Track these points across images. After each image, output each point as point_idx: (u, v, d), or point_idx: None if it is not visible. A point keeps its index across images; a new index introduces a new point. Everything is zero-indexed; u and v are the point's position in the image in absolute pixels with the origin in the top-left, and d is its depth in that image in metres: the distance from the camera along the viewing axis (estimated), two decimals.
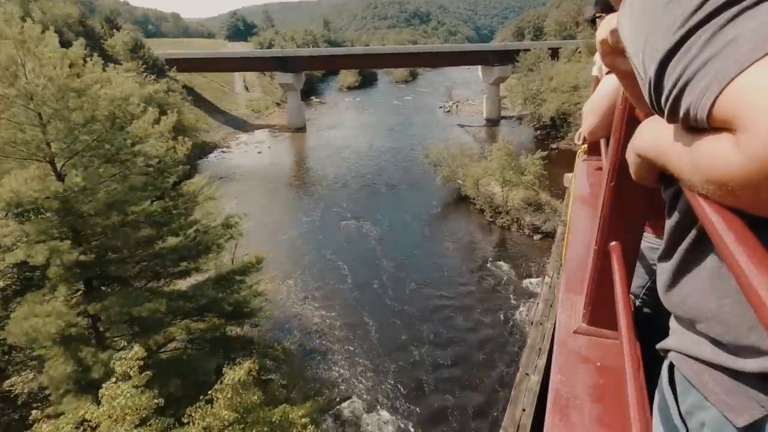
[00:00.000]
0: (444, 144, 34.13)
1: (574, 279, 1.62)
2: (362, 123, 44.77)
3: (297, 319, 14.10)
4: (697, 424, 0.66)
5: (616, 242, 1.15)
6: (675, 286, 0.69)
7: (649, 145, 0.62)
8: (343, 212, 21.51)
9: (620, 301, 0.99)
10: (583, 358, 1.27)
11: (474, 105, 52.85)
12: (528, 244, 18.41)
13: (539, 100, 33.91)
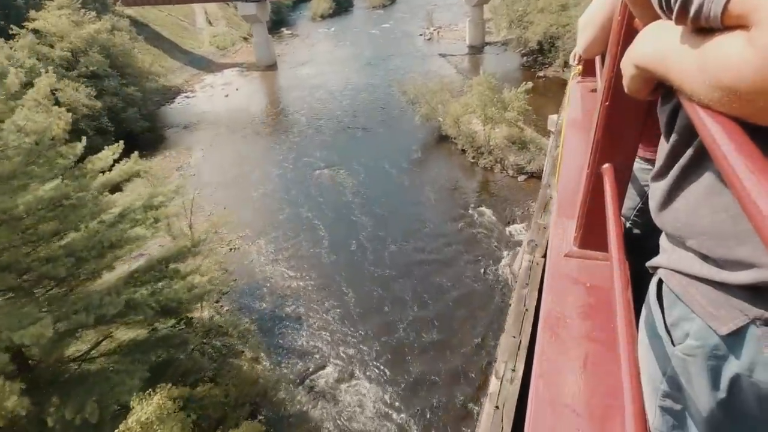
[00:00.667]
0: (423, 77, 31.86)
1: (566, 204, 1.58)
2: (337, 57, 41.54)
3: (268, 282, 13.33)
4: (682, 334, 0.71)
5: (608, 164, 1.14)
6: (668, 204, 0.70)
7: (649, 53, 0.60)
8: (316, 161, 20.09)
9: (611, 222, 1.00)
10: (573, 279, 1.28)
11: (457, 30, 49.13)
12: (512, 186, 17.45)
13: (525, 22, 31.22)
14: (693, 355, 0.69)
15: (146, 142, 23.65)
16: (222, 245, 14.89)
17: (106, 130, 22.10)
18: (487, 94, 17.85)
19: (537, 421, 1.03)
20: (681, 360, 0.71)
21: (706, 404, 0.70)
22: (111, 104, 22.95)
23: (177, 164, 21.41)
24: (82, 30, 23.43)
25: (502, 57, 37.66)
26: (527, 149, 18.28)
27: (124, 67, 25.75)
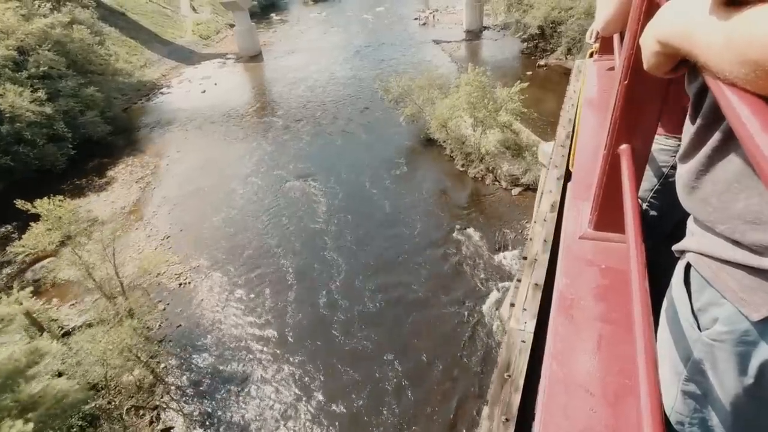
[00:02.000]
0: (413, 69, 29.42)
1: (581, 186, 1.55)
2: (325, 45, 39.02)
3: (216, 330, 11.49)
4: (710, 319, 0.70)
5: (626, 145, 1.12)
6: (697, 188, 0.68)
7: (673, 27, 0.58)
8: (288, 172, 18.06)
9: (628, 204, 0.98)
10: (588, 261, 1.26)
11: (454, 14, 46.21)
12: (505, 200, 15.39)
13: (525, 5, 28.57)
14: (721, 340, 0.68)
15: (108, 148, 21.74)
16: (171, 280, 13.05)
17: (62, 137, 20.17)
18: (477, 95, 15.64)
19: (550, 399, 1.02)
20: (708, 345, 0.71)
21: (732, 390, 0.70)
22: (67, 108, 20.91)
23: (139, 174, 19.46)
24: (32, 25, 21.23)
25: (500, 43, 35.02)
26: (522, 157, 16.15)
27: (85, 65, 23.58)
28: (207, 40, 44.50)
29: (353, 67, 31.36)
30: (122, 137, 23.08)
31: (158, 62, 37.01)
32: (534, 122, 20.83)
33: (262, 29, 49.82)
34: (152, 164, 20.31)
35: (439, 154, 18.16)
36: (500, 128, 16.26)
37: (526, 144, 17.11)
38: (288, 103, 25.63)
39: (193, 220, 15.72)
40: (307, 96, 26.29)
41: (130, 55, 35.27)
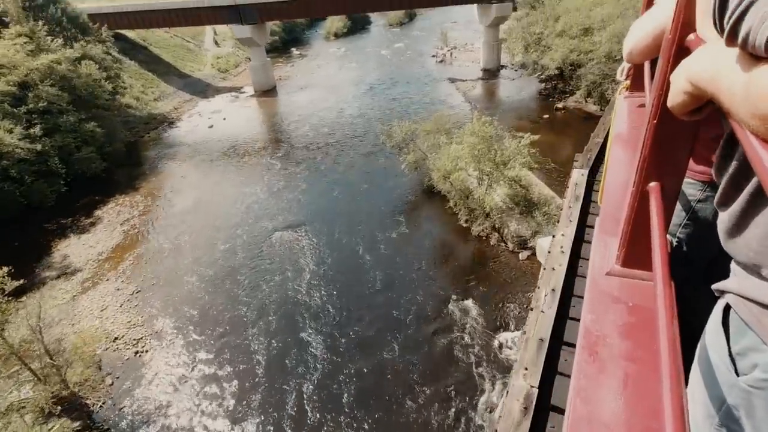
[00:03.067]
0: (425, 108, 28.36)
1: (609, 220, 1.56)
2: (339, 81, 38.67)
3: (162, 418, 9.91)
4: (749, 365, 0.67)
5: (655, 183, 1.13)
6: (738, 232, 0.68)
7: (703, 70, 0.59)
8: (278, 224, 16.78)
9: (656, 242, 0.98)
10: (614, 298, 1.26)
11: (472, 51, 45.69)
12: (510, 265, 13.64)
13: (542, 46, 27.43)
14: (760, 387, 0.66)
15: (103, 184, 21.10)
16: (129, 347, 11.67)
17: (54, 173, 19.59)
18: (482, 146, 14.21)
19: None
20: (745, 392, 0.69)
21: None
22: (63, 143, 20.45)
23: (126, 215, 18.57)
24: (37, 61, 21.13)
25: (517, 82, 33.87)
26: (532, 216, 14.47)
27: (91, 100, 23.32)
28: (225, 74, 45.01)
29: (363, 105, 30.57)
30: (121, 172, 22.50)
31: (173, 95, 37.27)
32: (549, 173, 19.23)
33: (280, 63, 50.35)
34: (142, 205, 19.43)
35: (442, 206, 16.64)
36: (507, 183, 14.69)
37: (537, 199, 15.45)
38: (291, 143, 24.77)
39: (169, 274, 14.47)
40: (312, 136, 25.41)
41: (145, 88, 35.61)
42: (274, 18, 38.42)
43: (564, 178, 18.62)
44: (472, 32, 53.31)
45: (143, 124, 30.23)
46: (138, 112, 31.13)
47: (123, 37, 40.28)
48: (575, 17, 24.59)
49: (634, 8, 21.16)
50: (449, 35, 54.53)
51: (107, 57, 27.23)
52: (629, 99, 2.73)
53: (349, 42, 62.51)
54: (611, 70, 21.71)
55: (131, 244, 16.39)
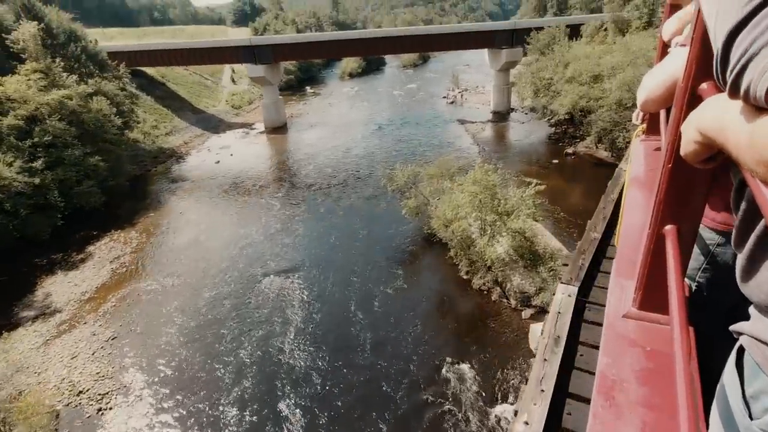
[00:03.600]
0: (433, 149, 28.07)
1: (625, 263, 1.55)
2: (349, 120, 38.92)
3: None
4: (762, 408, 0.67)
5: (671, 226, 1.13)
6: (752, 274, 0.68)
7: (712, 120, 0.61)
8: (269, 270, 16.02)
9: (673, 285, 0.98)
10: (631, 341, 1.24)
11: (483, 94, 46.01)
12: (512, 325, 12.58)
13: (552, 92, 27.19)
14: None
15: (101, 218, 20.81)
16: (93, 402, 10.79)
17: (53, 206, 19.40)
18: (484, 195, 13.49)
19: None
20: None
21: None
22: (65, 177, 20.38)
23: (118, 252, 18.09)
24: (48, 96, 21.46)
25: (527, 126, 33.55)
26: (537, 271, 13.50)
27: (99, 134, 23.49)
28: (238, 110, 45.87)
29: (370, 145, 30.39)
30: (121, 206, 22.28)
31: (185, 129, 37.84)
32: (557, 222, 18.37)
33: (294, 101, 51.29)
34: (136, 241, 18.98)
35: (443, 255, 15.78)
36: (511, 236, 13.84)
37: (544, 252, 14.51)
38: (293, 183, 24.45)
39: (149, 321, 13.71)
40: (315, 176, 25.09)
41: (158, 122, 36.26)
42: (287, 58, 39.34)
43: (572, 228, 17.72)
44: (483, 75, 53.99)
45: (152, 157, 30.46)
46: (148, 145, 31.50)
47: (142, 73, 41.54)
48: (585, 64, 24.38)
49: (644, 57, 20.83)
50: (461, 77, 55.29)
51: (120, 93, 27.65)
52: (645, 142, 2.69)
53: (363, 82, 63.83)
54: (622, 118, 21.16)
55: (117, 284, 15.78)
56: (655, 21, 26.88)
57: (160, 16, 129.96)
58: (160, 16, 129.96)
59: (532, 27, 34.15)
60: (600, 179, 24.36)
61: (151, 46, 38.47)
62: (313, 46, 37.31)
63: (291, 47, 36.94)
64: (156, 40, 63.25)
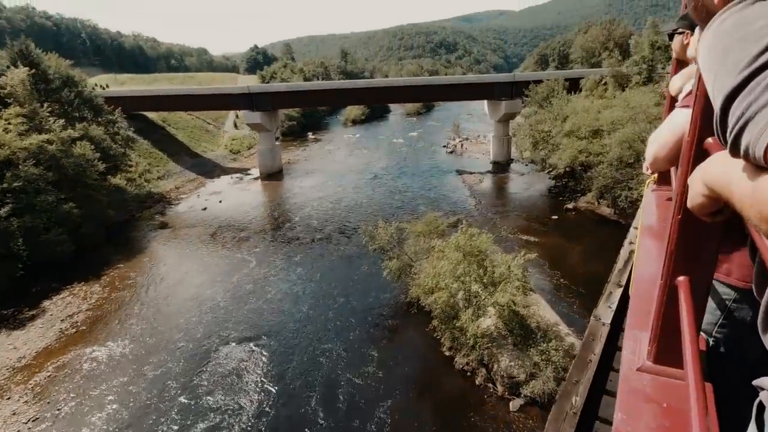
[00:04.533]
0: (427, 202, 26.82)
1: (639, 314, 1.54)
2: (345, 168, 38.26)
3: None
4: None
5: (684, 277, 1.12)
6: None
7: (718, 175, 0.63)
8: (234, 335, 14.46)
9: (687, 339, 0.97)
10: (647, 397, 1.22)
11: (484, 143, 45.53)
12: (497, 419, 10.68)
13: (551, 145, 26.25)
14: None
15: (65, 270, 19.48)
16: None
17: (14, 255, 18.17)
18: (466, 266, 11.99)
19: None
20: None
21: None
22: (33, 224, 19.30)
23: (72, 310, 16.62)
24: (26, 140, 20.85)
25: (527, 178, 32.49)
26: (527, 352, 11.71)
27: (78, 179, 22.68)
28: (236, 155, 45.65)
29: (362, 196, 29.30)
30: (92, 256, 21.04)
31: (179, 174, 37.32)
32: (555, 289, 16.69)
33: (294, 147, 51.20)
34: (96, 297, 17.55)
35: (425, 325, 14.05)
36: (498, 310, 12.19)
37: (537, 326, 12.79)
38: (275, 236, 23.16)
39: (79, 402, 11.94)
40: (299, 229, 23.85)
41: (152, 166, 35.81)
42: (286, 106, 39.44)
43: (572, 297, 16.00)
44: (485, 124, 53.72)
45: (139, 202, 29.58)
46: (137, 190, 30.75)
47: (143, 117, 41.72)
48: (584, 118, 23.55)
49: (645, 113, 19.91)
50: (463, 126, 55.24)
51: (109, 137, 27.20)
52: (657, 192, 2.69)
53: (365, 129, 64.18)
54: (623, 176, 19.93)
55: (60, 349, 14.18)
56: (655, 77, 26.32)
57: (177, 63, 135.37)
58: (177, 63, 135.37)
59: (531, 80, 33.93)
60: (602, 238, 22.82)
61: (152, 92, 38.92)
62: (311, 94, 37.37)
63: (289, 95, 36.99)
64: (165, 86, 64.90)
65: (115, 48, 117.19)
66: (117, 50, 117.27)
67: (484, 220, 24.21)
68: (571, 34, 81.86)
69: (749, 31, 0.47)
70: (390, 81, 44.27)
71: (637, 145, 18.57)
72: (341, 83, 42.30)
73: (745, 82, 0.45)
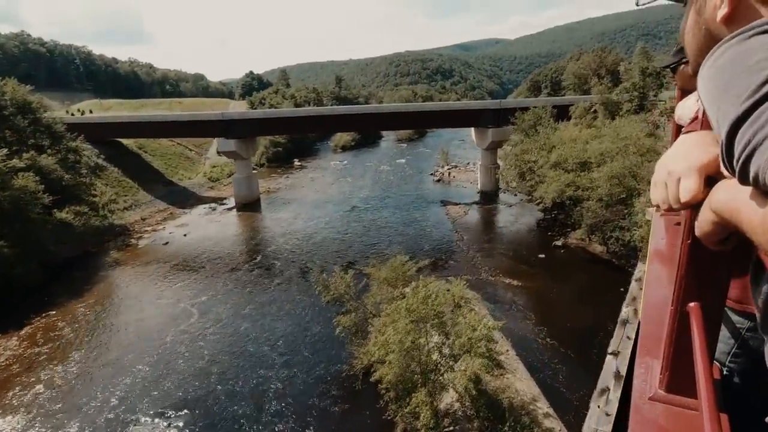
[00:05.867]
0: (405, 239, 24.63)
1: (649, 341, 1.52)
2: (325, 198, 36.34)
3: None
4: None
5: (695, 303, 1.10)
6: None
7: (726, 201, 0.63)
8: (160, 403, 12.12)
9: (700, 368, 0.94)
10: (660, 427, 1.20)
11: (473, 171, 43.76)
12: None
13: (537, 175, 24.36)
14: None
15: None
16: None
17: None
18: (415, 336, 9.75)
19: None
20: None
21: None
22: None
23: None
24: None
25: (515, 210, 30.49)
26: None
27: (16, 214, 20.61)
28: (215, 183, 43.77)
29: (336, 231, 27.07)
30: (23, 301, 18.75)
31: (148, 204, 35.33)
32: (538, 347, 14.37)
33: (276, 174, 49.46)
34: (6, 356, 15.19)
35: (377, 401, 11.69)
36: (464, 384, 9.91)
37: (510, 404, 10.47)
38: (231, 280, 20.88)
39: None
40: (258, 272, 21.59)
41: (119, 196, 33.84)
42: (263, 133, 37.89)
43: (557, 359, 13.68)
44: (476, 151, 52.22)
45: (97, 235, 27.37)
46: (100, 221, 28.60)
47: (118, 144, 40.14)
48: (570, 149, 21.73)
49: (635, 145, 18.05)
50: (453, 153, 53.70)
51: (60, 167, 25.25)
52: (666, 216, 2.67)
53: (354, 155, 62.63)
54: (613, 214, 17.91)
55: None
56: (646, 105, 24.69)
57: (172, 89, 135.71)
58: (172, 89, 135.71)
59: (518, 107, 32.40)
60: (594, 281, 20.45)
61: (119, 119, 37.32)
62: (289, 121, 35.79)
63: (266, 122, 35.43)
64: (150, 111, 63.75)
65: (109, 74, 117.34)
66: (111, 76, 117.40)
67: (465, 259, 22.07)
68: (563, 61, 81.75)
69: (748, 64, 0.49)
70: (373, 107, 42.93)
71: (628, 180, 16.62)
72: (320, 110, 40.94)
73: (748, 111, 0.46)
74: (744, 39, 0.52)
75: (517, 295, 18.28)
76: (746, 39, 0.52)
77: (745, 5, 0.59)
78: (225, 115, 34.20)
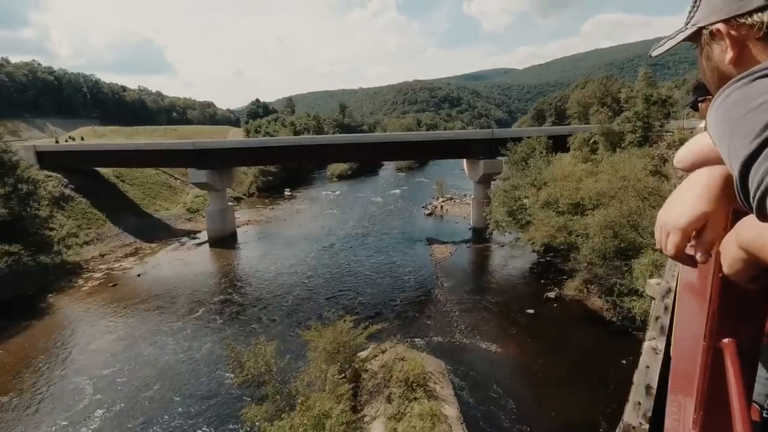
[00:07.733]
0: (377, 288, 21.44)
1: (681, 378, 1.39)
2: (305, 233, 33.61)
3: None
4: None
5: (729, 340, 1.03)
6: None
7: (752, 238, 0.62)
8: None
9: (737, 409, 0.88)
10: None
11: (467, 204, 40.81)
12: None
13: (527, 215, 21.34)
14: None
15: None
16: None
17: None
18: None
19: None
20: None
21: None
22: None
23: None
24: None
25: (507, 251, 27.27)
26: None
27: None
28: (193, 214, 41.44)
29: (303, 276, 23.91)
30: None
31: (113, 237, 32.93)
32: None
33: (262, 205, 47.16)
34: None
35: None
36: None
37: None
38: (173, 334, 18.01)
39: None
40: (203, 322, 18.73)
41: (81, 229, 31.57)
42: (240, 164, 35.75)
43: None
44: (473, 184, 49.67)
45: (42, 274, 24.83)
46: (51, 259, 26.15)
47: (93, 172, 38.26)
48: (563, 187, 18.75)
49: (633, 188, 15.00)
50: (451, 184, 51.01)
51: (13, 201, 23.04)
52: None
53: (349, 185, 60.33)
54: (610, 270, 14.74)
55: None
56: (651, 136, 21.78)
57: (179, 116, 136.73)
58: (179, 116, 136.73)
59: (512, 137, 29.72)
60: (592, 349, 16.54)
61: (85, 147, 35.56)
62: (269, 151, 33.52)
63: (243, 152, 33.22)
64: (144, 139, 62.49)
65: (116, 101, 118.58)
66: (118, 103, 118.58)
67: (440, 315, 18.89)
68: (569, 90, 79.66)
69: (753, 106, 0.51)
70: (356, 137, 40.49)
71: (626, 231, 13.49)
72: (301, 139, 38.91)
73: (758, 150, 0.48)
74: (748, 82, 0.54)
75: (496, 367, 15.02)
76: (750, 82, 0.53)
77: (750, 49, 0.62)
78: (196, 144, 32.07)
